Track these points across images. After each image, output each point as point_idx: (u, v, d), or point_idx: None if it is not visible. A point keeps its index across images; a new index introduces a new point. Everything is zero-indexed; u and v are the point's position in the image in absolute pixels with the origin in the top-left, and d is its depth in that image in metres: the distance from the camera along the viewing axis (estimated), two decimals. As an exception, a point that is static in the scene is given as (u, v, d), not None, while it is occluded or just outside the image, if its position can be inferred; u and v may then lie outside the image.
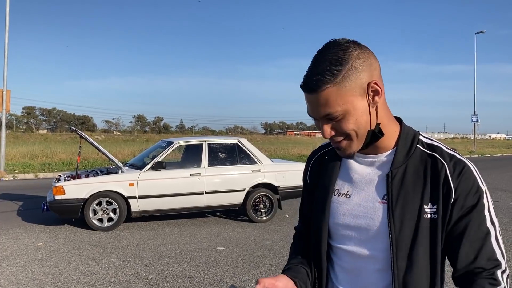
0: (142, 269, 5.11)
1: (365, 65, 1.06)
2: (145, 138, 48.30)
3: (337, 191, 1.23)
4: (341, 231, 1.20)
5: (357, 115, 1.07)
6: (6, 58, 15.67)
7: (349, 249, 1.18)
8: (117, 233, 6.85)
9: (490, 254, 1.05)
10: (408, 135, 1.17)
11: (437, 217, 1.08)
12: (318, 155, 1.35)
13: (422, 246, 1.08)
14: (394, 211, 1.09)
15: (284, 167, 8.12)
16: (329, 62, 1.05)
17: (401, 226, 1.08)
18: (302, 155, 25.00)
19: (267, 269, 5.11)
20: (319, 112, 1.08)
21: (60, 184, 6.87)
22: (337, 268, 1.23)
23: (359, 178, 1.19)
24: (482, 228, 1.06)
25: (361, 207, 1.16)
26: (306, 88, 1.08)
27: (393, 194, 1.11)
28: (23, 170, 15.92)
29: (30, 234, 6.74)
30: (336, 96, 1.04)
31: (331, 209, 1.22)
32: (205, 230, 7.13)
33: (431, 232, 1.08)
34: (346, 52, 1.05)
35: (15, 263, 5.30)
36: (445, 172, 1.08)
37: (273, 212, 7.80)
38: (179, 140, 7.96)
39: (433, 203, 1.08)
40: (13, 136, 38.85)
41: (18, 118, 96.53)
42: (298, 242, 1.39)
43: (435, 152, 1.13)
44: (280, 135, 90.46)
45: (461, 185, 1.07)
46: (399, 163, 1.13)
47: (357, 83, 1.05)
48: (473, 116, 34.13)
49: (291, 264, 1.27)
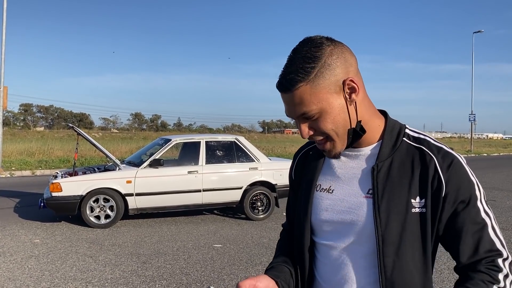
0: (139, 266, 5.10)
1: (339, 62, 1.04)
2: (142, 135, 48.23)
3: (319, 186, 1.20)
4: (323, 227, 1.17)
5: (334, 113, 1.05)
6: (4, 54, 15.62)
7: (333, 245, 1.15)
8: (114, 230, 6.84)
9: (489, 246, 1.04)
10: (394, 128, 1.14)
11: (426, 211, 1.05)
12: (304, 151, 1.33)
13: (410, 242, 1.05)
14: (380, 205, 1.06)
15: (281, 165, 8.12)
16: (302, 60, 1.03)
17: (387, 221, 1.05)
18: (299, 154, 25.02)
19: (264, 267, 5.12)
20: (295, 111, 1.06)
21: (57, 181, 6.86)
22: (320, 265, 1.19)
23: (342, 172, 1.17)
24: (478, 220, 1.04)
25: (345, 202, 1.13)
26: (281, 88, 1.06)
27: (379, 188, 1.08)
28: (20, 167, 15.88)
29: (27, 231, 6.73)
30: (310, 94, 1.03)
31: (313, 205, 1.19)
32: (202, 227, 7.13)
33: (421, 227, 1.06)
34: (319, 49, 1.04)
35: (11, 259, 5.29)
36: (434, 165, 1.06)
37: (270, 210, 7.81)
38: (177, 138, 7.95)
39: (421, 197, 1.06)
40: (10, 133, 38.72)
41: (15, 115, 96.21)
42: (284, 241, 1.36)
43: (422, 145, 1.10)
44: (278, 134, 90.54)
45: (452, 179, 1.05)
46: (384, 156, 1.10)
47: (332, 80, 1.03)
48: (470, 116, 34.20)
49: (274, 263, 1.24)
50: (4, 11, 15.62)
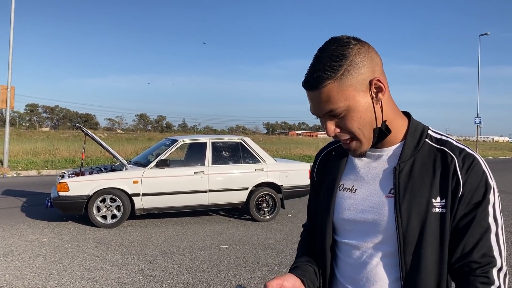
0: (146, 266, 5.13)
1: (366, 60, 1.06)
2: (147, 136, 48.31)
3: (342, 186, 1.22)
4: (346, 226, 1.19)
5: (360, 111, 1.07)
6: (11, 55, 15.73)
7: (355, 244, 1.16)
8: (120, 230, 6.87)
9: (486, 250, 1.03)
10: (417, 129, 1.16)
11: (446, 211, 1.06)
12: (325, 152, 1.34)
13: (430, 241, 1.06)
14: (401, 205, 1.07)
15: (287, 167, 8.13)
16: (329, 58, 1.04)
17: (409, 220, 1.07)
18: (304, 156, 25.00)
19: (270, 268, 5.12)
20: (322, 109, 1.08)
21: (64, 181, 6.90)
22: (342, 264, 1.21)
23: (365, 172, 1.18)
24: (483, 223, 1.04)
25: (367, 201, 1.15)
26: (308, 86, 1.07)
27: (400, 187, 1.09)
28: (26, 167, 15.97)
29: (34, 230, 6.77)
30: (338, 92, 1.04)
31: (335, 204, 1.21)
32: (208, 228, 7.15)
33: (440, 226, 1.07)
34: (346, 48, 1.05)
35: (19, 258, 5.32)
36: (454, 165, 1.07)
37: (276, 211, 7.82)
38: (183, 138, 7.98)
39: (441, 197, 1.06)
40: (16, 133, 38.93)
41: (21, 115, 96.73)
42: (305, 240, 1.38)
43: (445, 146, 1.11)
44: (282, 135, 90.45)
45: (469, 180, 1.05)
46: (406, 157, 1.11)
47: (359, 78, 1.05)
48: (476, 119, 34.06)
49: (298, 263, 1.26)
50: (12, 12, 15.72)
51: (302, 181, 8.13)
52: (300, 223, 7.62)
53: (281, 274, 4.92)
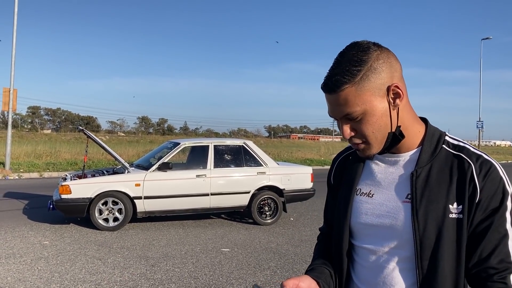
0: (148, 269, 5.12)
1: (384, 66, 1.07)
2: (149, 139, 48.38)
3: (359, 190, 1.23)
4: (363, 230, 1.20)
5: (376, 116, 1.08)
6: (14, 57, 15.77)
7: (372, 248, 1.18)
8: (122, 233, 6.87)
9: (503, 256, 1.04)
10: (434, 135, 1.16)
11: (463, 217, 1.07)
12: (343, 156, 1.36)
13: (447, 246, 1.07)
14: (418, 210, 1.08)
15: (289, 170, 8.12)
16: (349, 62, 1.06)
17: (425, 226, 1.07)
18: (306, 159, 24.99)
19: (272, 272, 5.11)
20: (339, 112, 1.09)
21: (66, 183, 6.90)
22: (359, 268, 1.22)
23: (382, 177, 1.19)
24: (500, 229, 1.05)
25: (384, 206, 1.16)
26: (326, 89, 1.09)
27: (417, 193, 1.10)
28: (28, 169, 15.98)
29: (36, 232, 6.77)
30: (355, 96, 1.06)
31: (353, 209, 1.22)
32: (210, 231, 7.14)
33: (457, 232, 1.07)
34: (365, 53, 1.07)
35: (21, 261, 5.32)
36: (471, 171, 1.07)
37: (278, 215, 7.80)
38: (186, 141, 7.98)
39: (458, 203, 1.07)
40: (18, 135, 38.99)
41: (23, 118, 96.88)
42: (322, 244, 1.40)
43: (462, 152, 1.12)
44: (284, 139, 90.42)
45: (486, 186, 1.06)
46: (424, 162, 1.12)
47: (377, 83, 1.06)
48: (478, 123, 34.01)
49: (315, 265, 1.27)
50: (15, 14, 15.78)
51: (304, 185, 8.12)
52: (302, 226, 7.61)
53: (283, 278, 4.91)
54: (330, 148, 35.47)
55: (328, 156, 28.16)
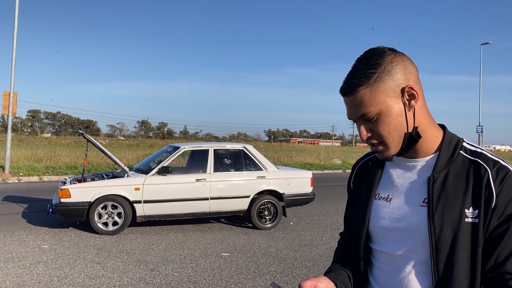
0: (147, 273, 5.10)
1: (398, 68, 1.11)
2: (149, 143, 48.31)
3: (378, 195, 1.26)
4: (381, 234, 1.23)
5: (392, 116, 1.12)
6: (14, 61, 15.80)
7: (389, 251, 1.20)
8: (121, 237, 6.85)
9: None
10: (452, 140, 1.19)
11: (479, 222, 1.08)
12: (362, 162, 1.39)
13: (462, 250, 1.08)
14: (435, 214, 1.11)
15: (289, 174, 8.12)
16: (364, 66, 1.12)
17: (441, 229, 1.09)
18: (306, 163, 24.97)
19: (272, 276, 5.10)
20: (355, 113, 1.14)
21: (66, 187, 6.89)
22: (377, 271, 1.25)
23: (400, 182, 1.22)
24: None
25: (401, 210, 1.18)
26: (343, 92, 1.15)
27: (434, 197, 1.12)
28: (27, 173, 15.97)
29: (35, 236, 6.75)
30: (370, 97, 1.10)
31: (371, 213, 1.25)
32: (210, 236, 7.12)
33: (472, 236, 1.08)
34: (380, 57, 1.12)
35: (20, 265, 5.30)
36: (487, 177, 1.09)
37: (277, 219, 7.79)
38: (185, 145, 7.98)
39: (474, 208, 1.09)
40: (17, 139, 38.98)
41: (23, 121, 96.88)
42: (341, 248, 1.43)
43: (479, 158, 1.13)
44: (284, 143, 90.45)
45: (503, 191, 1.07)
46: (441, 167, 1.14)
47: (391, 84, 1.11)
48: (477, 127, 34.02)
49: (333, 267, 1.31)
50: (15, 20, 15.81)
51: (304, 189, 8.11)
52: (301, 231, 7.60)
53: (282, 282, 4.89)
54: (329, 153, 35.43)
55: (328, 160, 28.13)
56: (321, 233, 7.43)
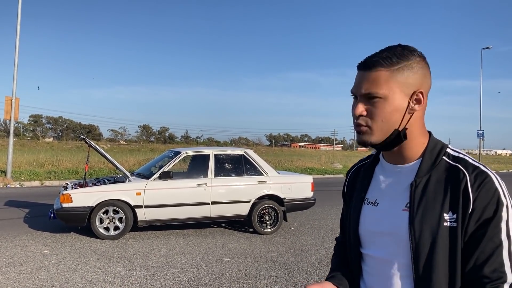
0: (148, 278, 5.12)
1: (420, 71, 1.15)
2: (150, 148, 48.42)
3: (367, 199, 1.29)
4: (369, 238, 1.26)
5: (392, 107, 1.14)
6: (16, 66, 15.87)
7: (376, 255, 1.23)
8: (123, 242, 6.87)
9: (497, 265, 1.05)
10: (435, 147, 1.21)
11: (457, 226, 1.10)
12: (355, 168, 1.43)
13: (441, 254, 1.10)
14: (415, 218, 1.13)
15: (290, 179, 8.14)
16: (393, 53, 1.15)
17: (421, 233, 1.12)
18: (307, 168, 24.97)
19: (273, 281, 5.11)
20: (363, 88, 1.15)
21: (67, 192, 6.92)
22: (366, 275, 1.28)
23: (386, 186, 1.25)
24: (495, 239, 1.07)
25: (386, 214, 1.21)
26: (363, 66, 1.16)
27: (415, 202, 1.15)
28: (29, 178, 16.00)
29: (37, 241, 6.77)
30: (385, 80, 1.13)
31: (361, 217, 1.28)
32: (210, 240, 7.14)
33: (450, 240, 1.10)
34: (411, 52, 1.16)
35: (22, 270, 5.32)
36: (465, 182, 1.11)
37: (278, 224, 7.80)
38: (186, 150, 8.00)
39: (453, 212, 1.11)
40: (19, 144, 39.10)
41: (25, 126, 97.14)
42: (338, 254, 1.46)
43: (459, 164, 1.16)
44: (285, 147, 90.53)
45: (480, 196, 1.08)
46: (423, 173, 1.17)
47: (408, 81, 1.14)
48: (478, 132, 34.01)
49: (334, 273, 1.34)
50: (18, 26, 15.90)
51: (305, 194, 8.12)
52: (302, 236, 7.61)
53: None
54: (330, 157, 35.44)
55: (329, 165, 28.12)
56: (322, 238, 7.43)
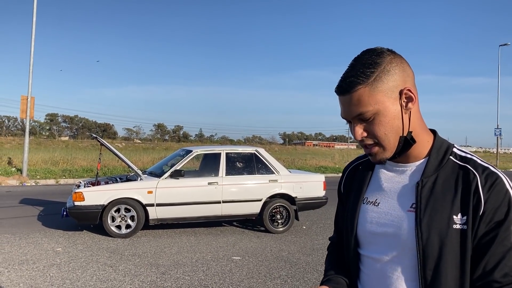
0: (158, 277, 5.12)
1: (397, 70, 1.10)
2: (164, 146, 48.71)
3: (366, 199, 1.24)
4: (368, 239, 1.21)
5: (388, 117, 1.09)
6: (32, 66, 16.08)
7: (376, 257, 1.18)
8: (134, 240, 6.90)
9: (508, 270, 1.02)
10: (442, 146, 1.17)
11: (467, 229, 1.05)
12: (353, 166, 1.37)
13: (450, 257, 1.06)
14: (422, 220, 1.08)
15: (301, 178, 8.08)
16: (363, 65, 1.09)
17: (429, 235, 1.07)
18: (320, 166, 24.86)
19: (283, 281, 5.07)
20: (352, 112, 1.10)
21: (80, 191, 6.97)
22: (364, 277, 1.23)
23: (389, 186, 1.20)
24: (506, 242, 1.03)
25: (389, 215, 1.16)
26: (340, 90, 1.11)
27: (422, 202, 1.10)
28: (44, 176, 16.21)
29: (50, 239, 6.84)
30: (368, 96, 1.07)
31: (359, 217, 1.23)
32: (222, 239, 7.13)
33: (460, 243, 1.06)
34: (379, 56, 1.10)
35: (34, 267, 5.38)
36: (476, 183, 1.07)
37: (290, 223, 7.76)
38: (198, 149, 8.01)
39: (463, 214, 1.06)
40: (35, 142, 39.65)
41: (41, 125, 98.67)
42: (333, 253, 1.41)
43: (468, 164, 1.11)
44: (299, 146, 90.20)
45: (491, 198, 1.05)
46: (430, 173, 1.12)
47: (390, 85, 1.09)
48: (496, 130, 33.48)
49: (330, 275, 1.29)
50: (33, 25, 16.10)
51: (317, 193, 8.06)
52: (314, 235, 7.55)
53: (293, 287, 4.86)
54: (344, 156, 35.26)
55: (343, 163, 27.97)
56: (334, 237, 7.36)
